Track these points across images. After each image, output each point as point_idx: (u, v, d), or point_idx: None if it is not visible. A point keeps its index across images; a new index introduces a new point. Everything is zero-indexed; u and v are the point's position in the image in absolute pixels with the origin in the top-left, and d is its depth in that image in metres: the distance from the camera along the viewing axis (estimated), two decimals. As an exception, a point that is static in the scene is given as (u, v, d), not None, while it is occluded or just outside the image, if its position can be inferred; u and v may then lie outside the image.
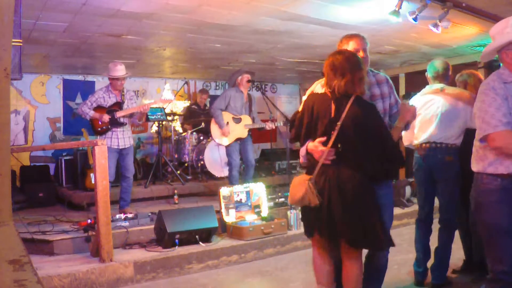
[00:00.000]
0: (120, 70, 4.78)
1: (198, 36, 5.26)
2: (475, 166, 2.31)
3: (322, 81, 2.59)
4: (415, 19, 4.27)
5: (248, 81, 5.44)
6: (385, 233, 2.37)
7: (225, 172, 6.27)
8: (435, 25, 4.52)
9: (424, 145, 3.34)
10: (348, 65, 2.35)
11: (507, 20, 2.26)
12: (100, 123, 4.77)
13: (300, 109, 2.58)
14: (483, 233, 2.32)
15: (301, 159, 2.50)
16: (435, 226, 3.46)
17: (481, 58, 2.47)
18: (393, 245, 2.43)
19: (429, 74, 3.52)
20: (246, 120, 5.51)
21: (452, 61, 6.88)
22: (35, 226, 4.35)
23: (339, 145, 2.32)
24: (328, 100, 2.39)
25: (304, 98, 2.67)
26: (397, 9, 4.08)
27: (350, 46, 2.63)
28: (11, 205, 1.81)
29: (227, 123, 5.40)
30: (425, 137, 3.33)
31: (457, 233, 3.49)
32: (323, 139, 2.34)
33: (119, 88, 4.86)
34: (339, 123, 2.30)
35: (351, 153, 2.31)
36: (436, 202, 3.45)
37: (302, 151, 2.44)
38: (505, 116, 2.12)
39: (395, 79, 7.19)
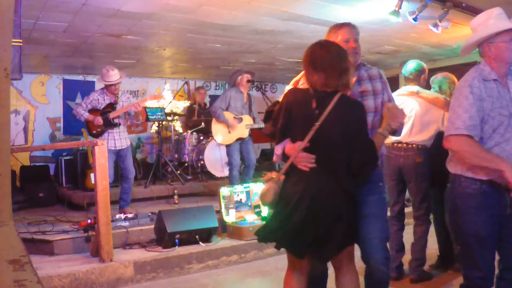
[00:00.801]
0: (113, 75, 4.75)
1: (198, 36, 5.26)
2: (452, 168, 2.20)
3: None
4: (415, 19, 4.27)
5: (248, 81, 5.44)
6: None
7: (225, 172, 6.27)
8: (435, 25, 4.52)
9: (395, 144, 3.42)
10: (329, 57, 2.06)
11: (490, 11, 2.16)
12: (94, 125, 4.80)
13: (280, 100, 2.30)
14: (458, 238, 2.25)
15: (275, 157, 2.24)
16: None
17: (461, 53, 2.34)
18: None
19: (403, 74, 3.63)
20: (247, 120, 5.52)
21: (452, 61, 6.97)
22: (35, 226, 4.35)
23: (307, 144, 2.04)
24: (310, 97, 2.08)
25: (287, 88, 2.43)
26: (397, 9, 4.08)
27: (340, 36, 2.33)
28: (11, 205, 1.81)
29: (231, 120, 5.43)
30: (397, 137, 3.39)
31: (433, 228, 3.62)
32: (304, 144, 2.04)
33: (114, 93, 4.88)
34: (317, 124, 2.01)
35: (329, 159, 2.04)
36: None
37: (278, 150, 2.19)
38: (471, 119, 2.03)
39: (395, 79, 7.19)
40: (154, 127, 7.65)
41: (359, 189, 2.12)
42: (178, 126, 7.87)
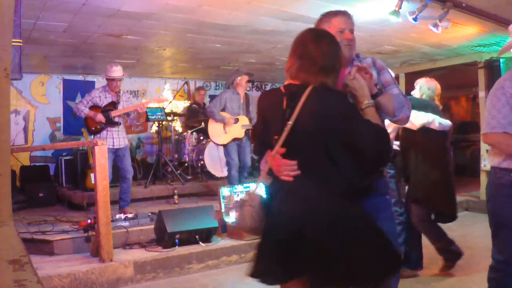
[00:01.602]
0: (116, 71, 4.83)
1: (198, 36, 5.26)
2: (491, 161, 2.41)
3: None
4: (415, 19, 4.26)
5: (248, 81, 5.50)
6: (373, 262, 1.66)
7: (225, 172, 6.28)
8: (435, 25, 4.51)
9: None
10: (313, 47, 1.75)
11: None
12: (94, 122, 4.79)
13: None
14: (490, 224, 2.42)
15: (262, 174, 1.88)
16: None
17: (499, 53, 2.58)
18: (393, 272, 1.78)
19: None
20: (243, 120, 5.57)
21: (452, 61, 6.97)
22: (35, 226, 4.35)
23: (281, 150, 1.74)
24: (281, 97, 1.80)
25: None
26: (397, 9, 4.08)
27: (333, 25, 2.04)
28: (11, 205, 1.81)
29: (224, 125, 5.48)
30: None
31: None
32: (282, 150, 1.74)
33: (115, 90, 4.90)
34: (289, 123, 1.71)
35: (313, 161, 1.71)
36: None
37: (262, 165, 1.88)
38: (505, 118, 2.23)
39: (395, 80, 7.18)
40: (154, 127, 7.66)
41: (370, 182, 1.84)
42: (178, 126, 7.87)
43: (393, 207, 2.14)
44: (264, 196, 1.82)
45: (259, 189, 1.83)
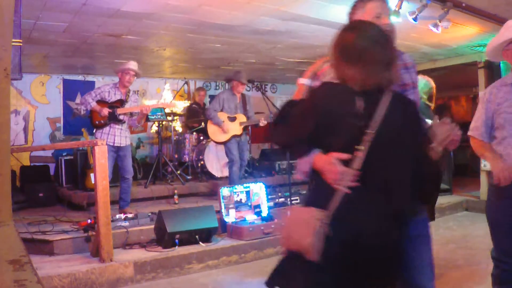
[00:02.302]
0: (132, 64, 4.87)
1: (198, 36, 5.26)
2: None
3: None
4: (415, 19, 4.27)
5: (249, 81, 5.67)
6: None
7: (224, 172, 6.30)
8: (435, 25, 4.52)
9: None
10: (367, 45, 1.56)
11: None
12: (99, 116, 4.78)
13: (295, 98, 1.89)
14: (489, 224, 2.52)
15: (299, 174, 1.76)
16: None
17: (486, 54, 2.62)
18: None
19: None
20: (241, 118, 5.76)
21: (452, 61, 6.97)
22: (35, 226, 4.35)
23: (361, 166, 1.51)
24: (351, 96, 1.57)
25: (303, 82, 1.99)
26: (397, 9, 4.08)
27: (368, 11, 1.89)
28: (11, 205, 1.81)
29: (223, 122, 5.65)
30: None
31: None
32: (344, 155, 1.52)
33: (127, 84, 4.87)
34: (371, 132, 1.50)
35: (381, 179, 1.54)
36: None
37: (303, 165, 1.69)
38: (484, 124, 2.42)
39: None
40: (154, 127, 7.66)
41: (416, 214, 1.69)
42: (178, 126, 7.87)
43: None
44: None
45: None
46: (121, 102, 4.85)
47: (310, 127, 1.59)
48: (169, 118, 7.08)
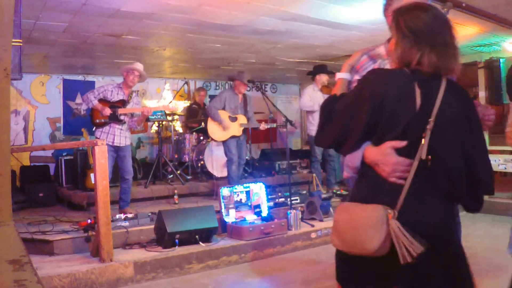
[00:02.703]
0: (138, 65, 4.89)
1: (198, 36, 5.26)
2: None
3: (379, 48, 1.94)
4: (415, 19, 4.26)
5: (249, 81, 5.64)
6: None
7: (224, 172, 6.29)
8: (435, 25, 4.51)
9: None
10: (437, 27, 1.45)
11: None
12: (100, 115, 4.78)
13: (337, 92, 1.73)
14: None
15: (345, 173, 1.62)
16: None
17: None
18: None
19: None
20: (242, 119, 5.76)
21: (452, 61, 6.95)
22: (35, 226, 4.35)
23: (429, 157, 1.40)
24: (408, 82, 1.45)
25: (341, 76, 1.81)
26: (397, 9, 4.08)
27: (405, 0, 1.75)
28: (11, 205, 1.81)
29: (224, 120, 5.63)
30: None
31: None
32: (401, 143, 1.41)
33: (131, 84, 4.88)
34: (431, 120, 1.40)
35: (443, 170, 1.43)
36: None
37: (351, 160, 1.54)
38: None
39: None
40: (154, 127, 7.66)
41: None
42: (178, 126, 7.87)
43: None
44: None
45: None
46: (123, 103, 4.85)
47: (366, 117, 1.45)
48: (169, 118, 7.09)
